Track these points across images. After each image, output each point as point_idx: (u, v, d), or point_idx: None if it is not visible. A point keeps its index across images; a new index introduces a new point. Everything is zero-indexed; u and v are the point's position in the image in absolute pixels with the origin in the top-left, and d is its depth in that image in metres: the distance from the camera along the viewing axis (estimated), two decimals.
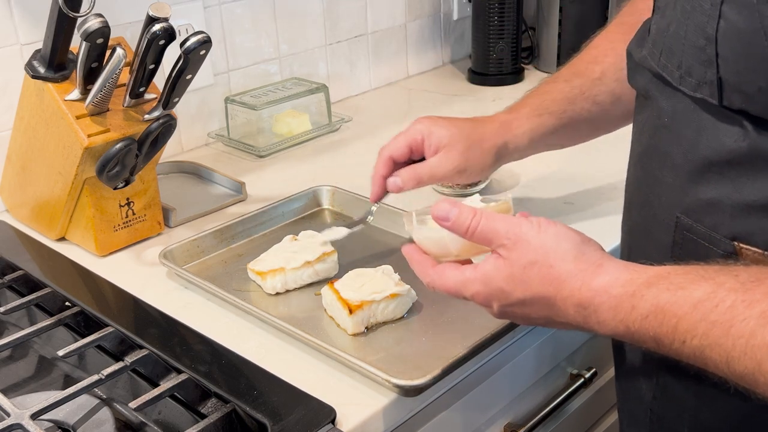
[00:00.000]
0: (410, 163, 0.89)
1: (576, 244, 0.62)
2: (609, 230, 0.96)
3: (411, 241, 0.72)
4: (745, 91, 0.56)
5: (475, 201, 0.72)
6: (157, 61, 0.87)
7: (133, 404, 0.69)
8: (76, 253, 0.97)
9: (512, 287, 0.63)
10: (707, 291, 0.53)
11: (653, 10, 0.68)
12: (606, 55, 0.89)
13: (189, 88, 0.91)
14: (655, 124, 0.66)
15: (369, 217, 0.91)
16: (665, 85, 0.64)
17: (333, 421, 0.67)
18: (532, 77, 1.59)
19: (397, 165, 0.89)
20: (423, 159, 0.89)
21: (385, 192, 0.89)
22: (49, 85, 0.89)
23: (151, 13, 0.82)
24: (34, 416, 0.68)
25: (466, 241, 0.66)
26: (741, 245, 0.59)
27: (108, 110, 0.90)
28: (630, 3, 0.91)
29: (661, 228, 0.66)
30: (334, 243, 0.90)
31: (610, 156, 1.15)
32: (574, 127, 0.92)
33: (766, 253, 0.58)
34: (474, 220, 0.64)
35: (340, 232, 0.90)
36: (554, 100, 0.91)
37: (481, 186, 1.06)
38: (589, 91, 0.89)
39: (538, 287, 0.62)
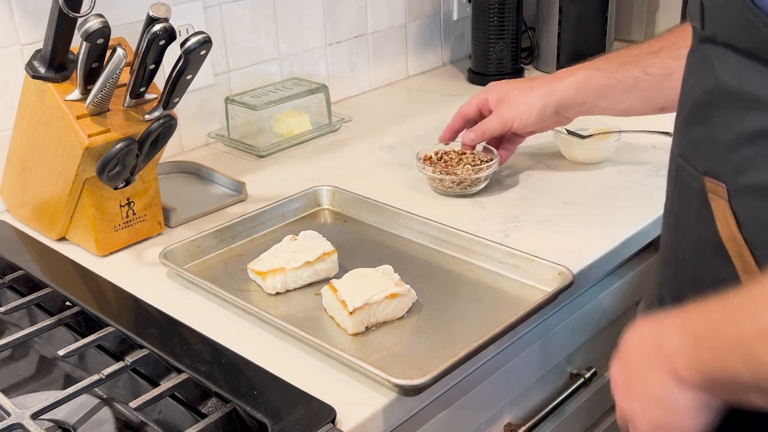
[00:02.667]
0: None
1: None
2: (609, 230, 0.96)
3: None
4: (713, 16, 0.61)
5: None
6: (158, 62, 0.87)
7: (133, 404, 0.69)
8: (76, 253, 0.97)
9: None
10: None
11: None
12: (670, 35, 0.96)
13: (189, 89, 0.91)
14: (688, 77, 0.71)
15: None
16: (694, 37, 0.68)
17: (333, 421, 0.67)
18: (533, 77, 1.59)
19: (468, 123, 1.09)
20: None
21: (453, 138, 1.11)
22: (50, 85, 0.89)
23: (151, 14, 0.82)
24: (35, 416, 0.68)
25: None
26: (707, 178, 0.63)
27: (108, 110, 0.90)
28: None
29: (672, 172, 0.72)
30: (334, 243, 0.90)
31: (610, 155, 1.16)
32: (624, 91, 0.97)
33: (723, 185, 0.62)
34: None
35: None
36: (608, 59, 1.00)
37: (479, 187, 1.06)
38: (642, 61, 0.96)
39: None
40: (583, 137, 1.15)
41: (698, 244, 0.67)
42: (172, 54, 0.87)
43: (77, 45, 0.85)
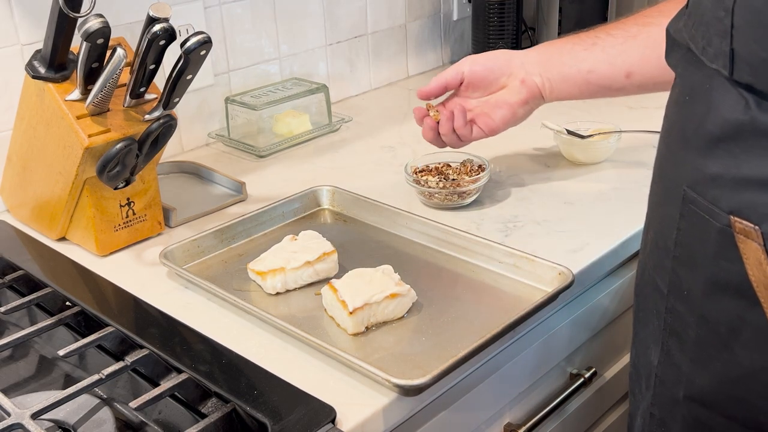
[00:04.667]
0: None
1: None
2: (609, 230, 0.96)
3: None
4: (752, 64, 0.58)
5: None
6: (158, 62, 0.87)
7: (133, 404, 0.69)
8: (76, 252, 0.97)
9: None
10: None
11: None
12: (638, 15, 0.95)
13: (189, 89, 0.91)
14: (678, 101, 0.68)
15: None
16: (690, 63, 0.66)
17: (333, 421, 0.67)
18: None
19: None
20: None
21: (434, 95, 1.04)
22: (50, 85, 0.89)
23: (151, 14, 0.82)
24: (35, 416, 0.68)
25: None
26: (735, 218, 0.61)
27: (108, 110, 0.90)
28: None
29: (670, 200, 0.68)
30: (334, 243, 0.90)
31: (610, 155, 1.16)
32: (586, 48, 0.97)
33: (756, 227, 0.59)
34: None
35: None
36: (579, 35, 0.99)
37: (471, 199, 1.06)
38: (605, 28, 0.95)
39: None
40: (583, 137, 1.15)
41: (714, 285, 0.64)
42: (172, 54, 0.87)
43: (77, 45, 0.85)
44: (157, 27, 0.82)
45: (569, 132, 1.17)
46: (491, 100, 1.01)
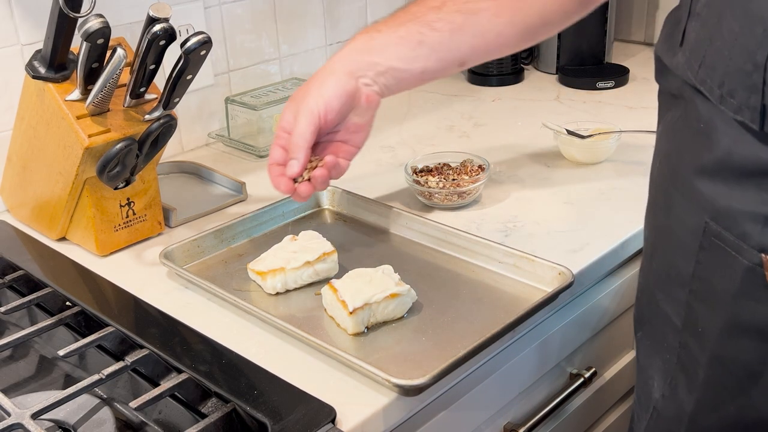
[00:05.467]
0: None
1: None
2: (609, 230, 0.97)
3: None
4: None
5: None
6: (158, 62, 0.87)
7: (133, 404, 0.69)
8: (76, 253, 0.97)
9: None
10: None
11: (688, 13, 0.65)
12: (467, 2, 0.84)
13: (189, 89, 0.91)
14: (688, 126, 0.65)
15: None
16: (697, 94, 0.63)
17: (333, 421, 0.67)
18: (532, 77, 1.59)
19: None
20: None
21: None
22: (50, 85, 0.89)
23: (151, 14, 0.82)
24: (35, 416, 0.68)
25: None
26: (767, 257, 0.58)
27: (108, 110, 0.90)
28: None
29: (687, 232, 0.65)
30: (334, 243, 0.90)
31: (610, 155, 1.16)
32: (412, 48, 0.84)
33: None
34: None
35: None
36: (386, 22, 0.86)
37: (471, 199, 1.05)
38: (424, 17, 0.84)
39: None
40: (583, 137, 1.15)
41: (735, 325, 0.62)
42: (172, 54, 0.87)
43: (77, 45, 0.85)
44: (157, 27, 0.82)
45: (569, 132, 1.17)
46: (346, 126, 0.88)
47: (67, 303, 0.86)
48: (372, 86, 0.85)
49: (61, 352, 0.76)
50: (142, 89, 0.91)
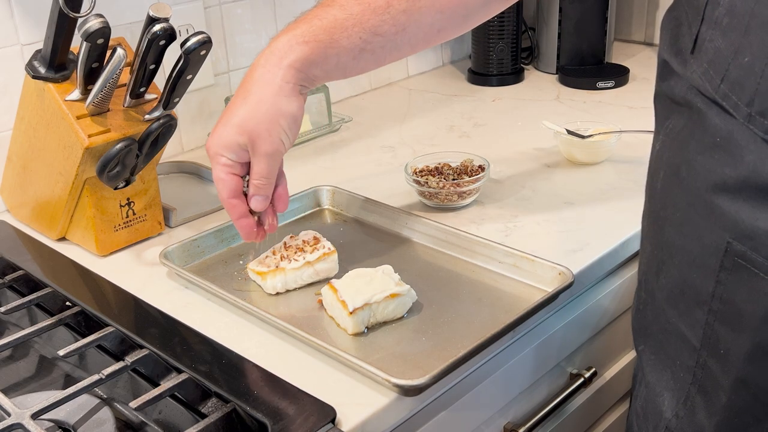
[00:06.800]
0: None
1: None
2: (609, 230, 0.97)
3: None
4: None
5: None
6: (158, 62, 0.87)
7: (133, 404, 0.69)
8: (76, 253, 0.97)
9: None
10: None
11: (701, 19, 0.62)
12: None
13: (189, 89, 0.91)
14: (697, 139, 0.62)
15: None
16: (711, 107, 0.60)
17: (333, 421, 0.67)
18: (532, 77, 1.59)
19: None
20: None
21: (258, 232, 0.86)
22: (50, 85, 0.89)
23: (151, 14, 0.82)
24: (35, 416, 0.68)
25: None
26: None
27: (108, 110, 0.90)
28: None
29: (705, 250, 0.62)
30: (334, 243, 0.90)
31: (610, 155, 1.16)
32: (354, 57, 0.81)
33: None
34: None
35: None
36: (326, 29, 0.80)
37: (471, 199, 1.06)
38: (368, 22, 0.79)
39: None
40: (583, 137, 1.15)
41: (763, 349, 0.59)
42: (172, 54, 0.87)
43: (77, 45, 0.85)
44: (157, 27, 0.82)
45: (569, 132, 1.17)
46: None
47: (67, 303, 0.86)
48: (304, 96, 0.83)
49: (61, 352, 0.76)
50: (142, 89, 0.91)
